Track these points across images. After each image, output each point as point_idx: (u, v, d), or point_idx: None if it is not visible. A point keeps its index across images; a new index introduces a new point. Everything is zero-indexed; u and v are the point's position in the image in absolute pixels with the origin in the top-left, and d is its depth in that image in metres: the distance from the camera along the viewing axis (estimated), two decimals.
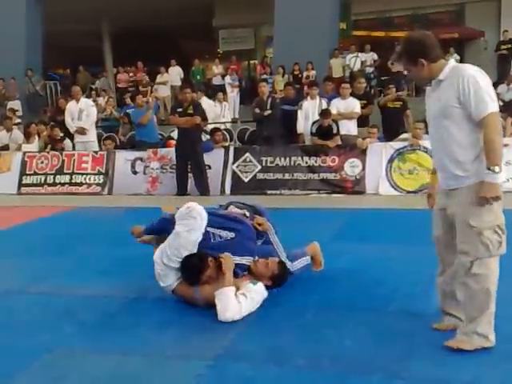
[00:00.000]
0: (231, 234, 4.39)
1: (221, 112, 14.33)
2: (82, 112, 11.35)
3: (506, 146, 9.01)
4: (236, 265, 4.23)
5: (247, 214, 4.77)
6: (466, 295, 3.39)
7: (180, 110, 9.96)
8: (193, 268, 4.12)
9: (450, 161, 3.38)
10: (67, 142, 12.07)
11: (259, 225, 4.65)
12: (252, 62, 23.68)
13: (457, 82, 3.28)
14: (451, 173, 3.39)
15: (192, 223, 4.24)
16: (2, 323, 4.19)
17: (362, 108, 10.36)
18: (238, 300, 3.99)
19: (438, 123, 3.43)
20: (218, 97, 14.52)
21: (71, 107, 11.48)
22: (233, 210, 4.85)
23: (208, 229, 4.33)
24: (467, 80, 3.25)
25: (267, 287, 4.26)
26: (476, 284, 3.32)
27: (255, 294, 4.10)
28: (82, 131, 11.31)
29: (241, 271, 4.29)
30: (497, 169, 3.20)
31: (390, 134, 10.09)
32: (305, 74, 16.37)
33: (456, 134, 3.34)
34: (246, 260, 4.31)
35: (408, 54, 3.45)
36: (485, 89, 3.25)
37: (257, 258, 4.35)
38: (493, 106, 3.24)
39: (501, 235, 3.33)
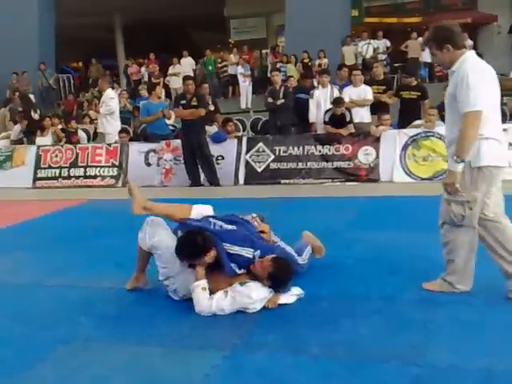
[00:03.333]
0: (232, 226, 4.32)
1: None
2: (103, 103, 11.90)
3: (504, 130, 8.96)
4: (235, 255, 4.11)
5: (254, 215, 4.68)
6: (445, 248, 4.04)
7: (184, 102, 9.93)
8: (193, 247, 4.03)
9: (452, 143, 3.82)
10: (81, 133, 12.17)
11: (262, 232, 4.53)
12: (264, 51, 23.60)
13: (456, 77, 3.74)
14: (451, 154, 3.82)
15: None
16: (20, 316, 4.23)
17: (382, 93, 10.29)
18: (211, 296, 3.97)
19: (448, 109, 3.91)
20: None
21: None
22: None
23: (210, 219, 4.35)
24: (461, 77, 3.69)
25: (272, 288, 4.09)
26: (448, 245, 4.00)
27: (239, 295, 3.96)
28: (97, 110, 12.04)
29: (242, 263, 4.12)
30: (459, 159, 3.68)
31: (407, 123, 10.00)
32: (317, 62, 16.28)
33: (457, 121, 3.75)
34: (245, 251, 4.14)
35: (436, 39, 3.88)
36: (472, 88, 3.63)
37: (258, 252, 4.16)
38: (475, 105, 3.63)
39: (465, 211, 3.82)
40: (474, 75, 3.68)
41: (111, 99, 11.88)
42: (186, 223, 4.31)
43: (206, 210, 4.49)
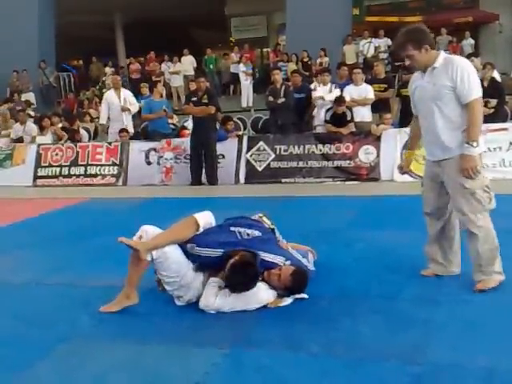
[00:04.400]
0: (257, 232, 4.23)
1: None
2: (126, 101, 11.39)
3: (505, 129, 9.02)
4: (266, 260, 4.05)
5: (260, 214, 4.60)
6: (476, 245, 4.03)
7: (195, 99, 9.95)
8: (248, 279, 3.91)
9: (444, 135, 4.03)
10: (83, 132, 12.18)
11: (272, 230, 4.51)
12: (265, 49, 23.59)
13: (450, 70, 3.92)
14: (445, 146, 4.04)
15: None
16: (20, 314, 4.23)
17: (383, 92, 10.29)
18: (217, 294, 3.93)
19: (431, 104, 4.06)
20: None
21: (111, 97, 11.45)
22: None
23: (232, 228, 4.20)
24: (460, 69, 3.90)
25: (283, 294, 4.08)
26: (481, 233, 4.00)
27: (245, 294, 3.93)
28: (125, 109, 11.31)
29: (267, 266, 4.07)
30: (475, 143, 3.90)
31: (407, 121, 10.00)
32: (318, 60, 16.28)
33: (448, 113, 3.99)
34: (278, 259, 4.11)
35: (413, 40, 4.02)
36: (472, 78, 3.91)
37: (289, 262, 4.15)
38: (478, 92, 3.93)
39: (489, 192, 4.04)
40: (470, 67, 3.99)
41: (133, 97, 11.78)
42: (210, 240, 4.07)
43: (209, 216, 4.28)
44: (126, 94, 11.61)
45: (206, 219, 4.21)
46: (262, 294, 4.00)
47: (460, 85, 3.90)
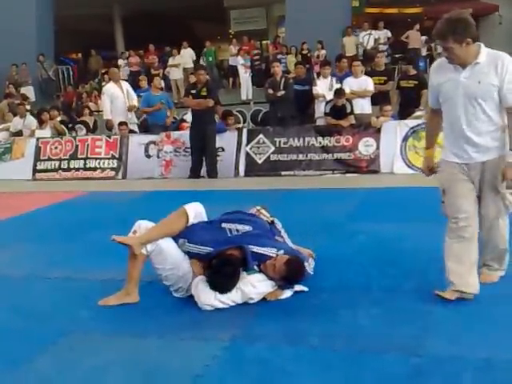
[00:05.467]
0: (247, 227, 4.23)
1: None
2: (128, 93, 11.19)
3: None
4: (258, 254, 4.04)
5: (258, 207, 4.61)
6: (489, 245, 4.00)
7: (194, 91, 9.91)
8: (227, 278, 3.94)
9: (482, 136, 3.71)
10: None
11: (272, 222, 4.53)
12: (264, 42, 23.52)
13: (500, 68, 3.57)
14: (483, 147, 3.73)
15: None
16: (20, 308, 4.23)
17: (382, 84, 10.25)
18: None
19: (472, 102, 3.67)
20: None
21: (112, 90, 11.12)
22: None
23: (223, 225, 4.22)
24: (510, 69, 3.56)
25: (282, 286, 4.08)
26: (499, 235, 3.96)
27: (243, 283, 3.94)
28: (132, 108, 11.21)
29: (262, 259, 4.05)
30: None
31: (406, 113, 10.00)
32: (316, 53, 16.25)
33: (490, 113, 3.66)
34: (270, 251, 4.08)
35: (456, 33, 3.55)
36: None
37: (282, 251, 4.11)
38: None
39: None
40: None
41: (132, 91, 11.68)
42: (201, 237, 4.09)
43: (199, 207, 4.32)
44: (127, 85, 11.51)
45: (195, 210, 4.24)
46: (259, 284, 3.99)
47: (507, 86, 3.57)
